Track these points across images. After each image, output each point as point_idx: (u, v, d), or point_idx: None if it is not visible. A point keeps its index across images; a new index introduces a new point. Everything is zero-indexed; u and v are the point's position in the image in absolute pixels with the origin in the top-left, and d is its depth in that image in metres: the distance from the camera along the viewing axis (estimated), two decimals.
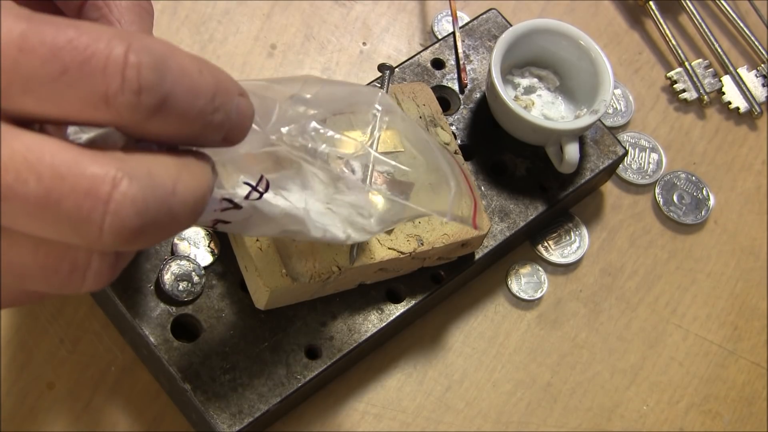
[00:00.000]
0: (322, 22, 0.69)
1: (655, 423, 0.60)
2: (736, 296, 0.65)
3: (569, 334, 0.62)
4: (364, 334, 0.54)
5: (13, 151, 0.28)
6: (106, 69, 0.28)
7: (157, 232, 0.30)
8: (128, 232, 0.29)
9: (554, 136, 0.60)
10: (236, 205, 0.39)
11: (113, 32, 0.28)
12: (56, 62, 0.28)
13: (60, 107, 0.28)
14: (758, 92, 0.72)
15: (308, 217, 0.42)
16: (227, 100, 0.32)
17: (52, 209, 0.28)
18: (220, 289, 0.54)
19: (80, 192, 0.28)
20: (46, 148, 0.28)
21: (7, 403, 0.53)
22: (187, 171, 0.31)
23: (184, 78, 0.30)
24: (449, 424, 0.58)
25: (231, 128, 0.32)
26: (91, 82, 0.28)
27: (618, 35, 0.73)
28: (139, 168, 0.29)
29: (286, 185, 0.41)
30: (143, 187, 0.29)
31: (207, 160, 0.33)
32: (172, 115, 0.30)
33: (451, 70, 0.63)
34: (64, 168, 0.28)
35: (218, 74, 0.32)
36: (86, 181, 0.28)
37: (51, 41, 0.28)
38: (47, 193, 0.28)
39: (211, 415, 0.50)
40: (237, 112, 0.32)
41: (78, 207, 0.28)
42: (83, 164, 0.28)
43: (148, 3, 0.40)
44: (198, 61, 0.31)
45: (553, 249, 0.64)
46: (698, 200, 0.68)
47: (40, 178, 0.28)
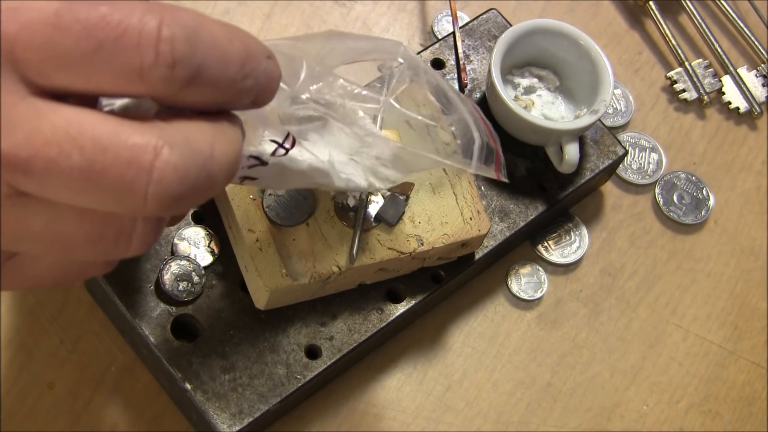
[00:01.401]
0: (322, 22, 0.69)
1: (655, 423, 0.60)
2: (736, 296, 0.65)
3: (569, 334, 0.62)
4: (364, 334, 0.54)
5: (54, 125, 0.28)
6: (139, 44, 0.28)
7: (198, 196, 0.30)
8: (171, 199, 0.29)
9: (554, 136, 0.60)
10: (263, 161, 0.39)
11: (145, 6, 0.29)
12: (90, 39, 0.28)
13: (95, 82, 0.29)
14: (758, 92, 0.72)
15: (332, 169, 0.42)
16: (256, 65, 0.32)
17: (96, 180, 0.28)
18: (220, 289, 0.54)
19: (123, 162, 0.28)
20: (87, 121, 0.28)
21: (7, 403, 0.53)
22: (221, 134, 0.32)
23: (215, 48, 0.30)
24: (449, 424, 0.58)
25: (260, 91, 0.33)
26: (125, 57, 0.28)
27: (618, 35, 0.73)
28: (178, 135, 0.30)
29: (312, 138, 0.42)
30: (183, 154, 0.29)
31: (237, 121, 0.33)
32: (205, 84, 0.30)
33: (451, 70, 0.63)
34: (106, 139, 0.28)
35: (247, 40, 0.32)
36: (128, 152, 0.28)
37: (85, 18, 0.28)
38: (91, 165, 0.28)
39: (211, 415, 0.50)
40: (265, 75, 0.33)
41: (122, 177, 0.28)
42: (124, 135, 0.29)
43: None
44: (228, 29, 0.31)
45: (553, 249, 0.64)
46: (698, 200, 0.68)
47: (83, 150, 0.28)
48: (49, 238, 0.31)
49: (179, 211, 0.30)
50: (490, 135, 0.48)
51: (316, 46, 0.42)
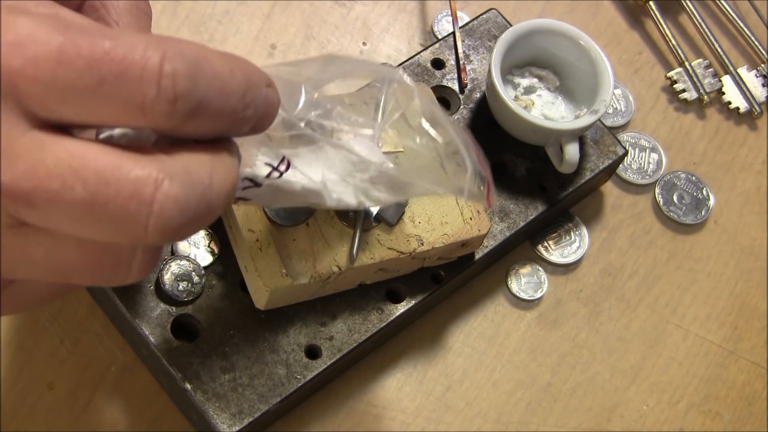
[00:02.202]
0: (322, 22, 0.69)
1: (655, 423, 0.60)
2: (736, 296, 0.65)
3: (569, 334, 0.62)
4: (364, 334, 0.54)
5: (57, 158, 0.29)
6: (142, 79, 0.29)
7: (197, 224, 0.31)
8: (172, 229, 0.30)
9: (554, 136, 0.60)
10: (257, 183, 0.40)
11: (148, 41, 0.29)
12: (93, 74, 0.28)
13: (97, 115, 0.29)
14: (758, 92, 0.72)
15: (325, 189, 0.43)
16: (257, 94, 0.32)
17: (98, 213, 0.29)
18: (220, 289, 0.54)
19: (125, 195, 0.29)
20: (89, 154, 0.29)
21: (7, 403, 0.53)
22: (220, 163, 0.32)
23: (216, 81, 0.30)
24: (449, 424, 0.58)
25: (259, 119, 0.33)
26: (127, 92, 0.29)
27: (618, 35, 0.74)
28: (178, 167, 0.30)
29: (306, 160, 0.42)
30: (183, 186, 0.30)
31: (234, 148, 0.34)
32: (206, 116, 0.30)
33: (451, 70, 0.63)
34: (108, 172, 0.29)
35: (248, 70, 0.32)
36: (130, 184, 0.29)
37: (88, 53, 0.28)
38: (93, 198, 0.29)
39: (211, 415, 0.50)
40: (265, 103, 0.33)
41: (123, 209, 0.29)
42: (126, 167, 0.29)
43: (145, 4, 0.40)
44: (229, 60, 0.32)
45: (553, 249, 0.64)
46: (698, 200, 0.68)
47: (86, 183, 0.28)
48: (48, 266, 0.31)
49: (180, 239, 0.31)
50: (481, 162, 0.48)
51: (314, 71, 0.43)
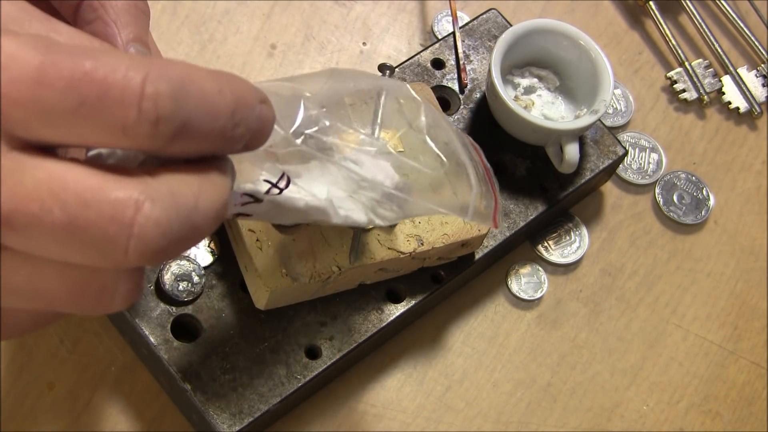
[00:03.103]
0: (322, 22, 0.69)
1: (655, 423, 0.60)
2: (736, 296, 0.65)
3: (569, 334, 0.62)
4: (364, 334, 0.54)
5: (37, 180, 0.28)
6: (122, 101, 0.28)
7: (181, 246, 0.30)
8: (153, 252, 0.29)
9: (554, 136, 0.60)
10: (257, 199, 0.39)
11: (131, 61, 0.29)
12: (73, 95, 0.28)
13: (79, 136, 0.29)
14: (758, 92, 0.72)
15: (330, 206, 0.42)
16: (248, 113, 0.32)
17: (78, 236, 0.28)
18: (220, 289, 0.54)
19: (105, 218, 0.28)
20: (70, 176, 0.28)
21: (7, 403, 0.53)
22: (208, 183, 0.32)
23: (203, 102, 0.30)
24: (449, 424, 0.58)
25: (252, 137, 0.33)
26: (108, 114, 0.28)
27: (618, 35, 0.73)
28: (161, 188, 0.30)
29: (309, 176, 0.41)
30: (166, 208, 0.29)
31: (226, 166, 0.33)
32: (192, 138, 0.30)
33: (451, 70, 0.63)
34: (88, 195, 0.28)
35: (238, 88, 0.32)
36: (110, 207, 0.28)
37: (68, 74, 0.28)
38: (73, 221, 0.28)
39: (211, 415, 0.50)
40: (258, 121, 0.32)
41: (103, 232, 0.28)
42: (106, 189, 0.29)
43: (144, 3, 0.40)
44: (218, 78, 0.31)
45: (553, 249, 0.64)
46: (698, 200, 0.68)
47: (65, 206, 0.28)
48: (30, 294, 0.31)
49: (164, 260, 0.31)
50: (489, 180, 0.48)
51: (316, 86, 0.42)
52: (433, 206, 0.45)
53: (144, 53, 0.38)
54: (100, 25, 0.38)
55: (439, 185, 0.46)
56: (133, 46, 0.38)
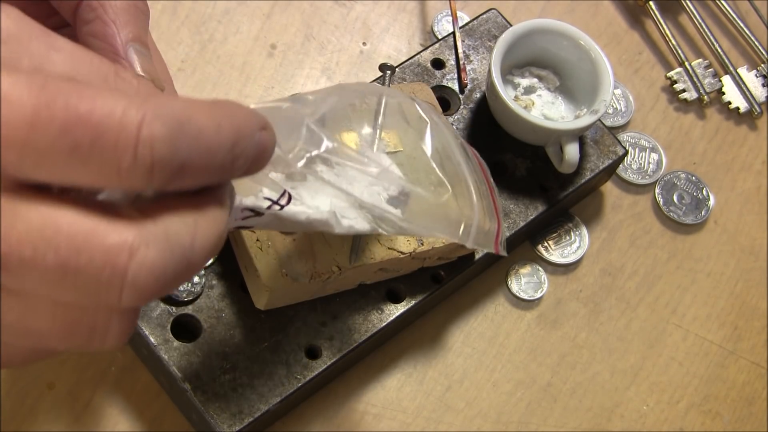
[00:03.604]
0: (322, 22, 0.69)
1: (655, 423, 0.60)
2: (736, 296, 0.65)
3: (569, 334, 0.62)
4: (364, 334, 0.54)
5: (29, 224, 0.28)
6: (117, 146, 0.28)
7: (176, 284, 0.30)
8: (147, 296, 0.29)
9: (554, 136, 0.60)
10: (258, 213, 0.39)
11: (128, 102, 0.28)
12: (67, 139, 0.27)
13: (73, 178, 0.28)
14: (758, 92, 0.72)
15: (333, 217, 0.42)
16: (247, 143, 0.31)
17: (70, 279, 0.28)
18: (220, 289, 0.54)
19: (98, 263, 0.28)
20: (63, 220, 0.28)
21: (7, 403, 0.53)
22: (205, 218, 0.31)
23: (201, 141, 0.30)
24: (449, 424, 0.58)
25: (251, 164, 0.32)
26: (102, 159, 0.28)
27: (618, 35, 0.74)
28: (156, 231, 0.29)
29: (311, 191, 0.41)
30: (161, 251, 0.29)
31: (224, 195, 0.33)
32: (190, 176, 0.30)
33: (451, 70, 0.63)
34: (81, 239, 0.28)
35: (238, 120, 0.31)
36: (103, 253, 0.28)
37: (62, 118, 0.27)
38: (65, 265, 0.28)
39: (211, 415, 0.50)
40: (257, 148, 0.32)
41: (96, 278, 0.28)
42: (99, 235, 0.28)
43: (143, 3, 0.40)
44: (216, 112, 0.30)
45: (553, 249, 0.64)
46: (698, 200, 0.68)
47: (57, 250, 0.28)
48: (22, 331, 0.30)
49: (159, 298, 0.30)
50: (493, 201, 0.48)
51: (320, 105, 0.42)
52: (435, 232, 0.44)
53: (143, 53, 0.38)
54: (99, 25, 0.38)
55: (443, 210, 0.46)
56: (132, 46, 0.38)
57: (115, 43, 0.38)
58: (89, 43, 0.38)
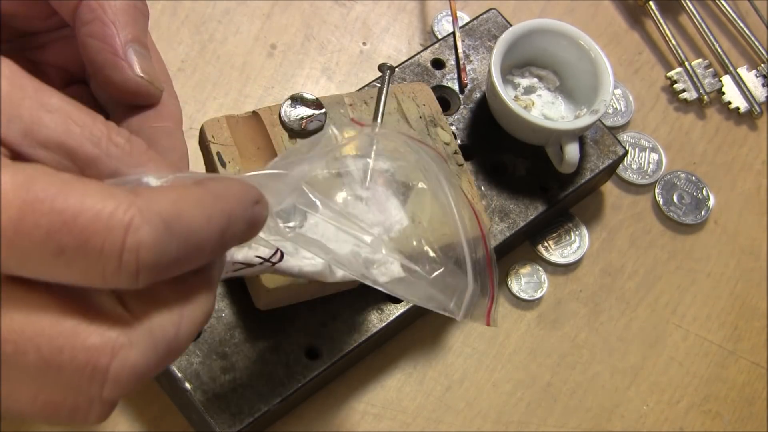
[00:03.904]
0: (322, 22, 0.69)
1: (655, 423, 0.60)
2: (736, 296, 0.65)
3: (569, 334, 0.62)
4: (364, 334, 0.54)
5: (12, 322, 0.28)
6: (102, 252, 0.28)
7: (159, 371, 0.31)
8: (128, 390, 0.29)
9: (554, 136, 0.60)
10: (249, 265, 0.39)
11: (115, 204, 0.28)
12: (52, 244, 0.27)
13: (57, 278, 0.28)
14: (758, 92, 0.72)
15: (327, 268, 0.43)
16: (239, 225, 0.32)
17: (52, 376, 0.28)
18: (220, 289, 0.54)
19: (79, 363, 0.28)
20: (45, 320, 0.28)
21: None
22: (192, 306, 0.31)
23: (190, 239, 0.29)
24: (449, 424, 0.58)
25: (242, 238, 0.32)
26: (87, 263, 0.28)
27: (618, 35, 0.73)
28: (140, 327, 0.29)
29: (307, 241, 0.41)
30: (144, 350, 0.29)
31: (212, 275, 0.33)
32: (176, 271, 0.30)
33: (451, 70, 0.63)
34: (62, 339, 0.28)
35: (230, 205, 0.31)
36: (85, 353, 0.28)
37: (47, 223, 0.27)
38: (47, 364, 0.28)
39: (211, 415, 0.50)
40: (249, 223, 0.32)
41: (78, 376, 0.29)
42: (82, 335, 0.28)
43: (142, 4, 0.40)
44: (207, 203, 0.30)
45: (553, 249, 0.64)
46: (698, 200, 0.68)
47: (39, 350, 0.28)
48: (4, 407, 0.30)
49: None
50: (489, 270, 0.47)
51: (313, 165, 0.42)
52: (425, 304, 0.44)
53: (142, 54, 0.38)
54: (98, 26, 0.38)
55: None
56: (132, 46, 0.38)
57: (115, 43, 0.38)
58: (88, 44, 0.38)
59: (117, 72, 0.37)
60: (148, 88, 0.38)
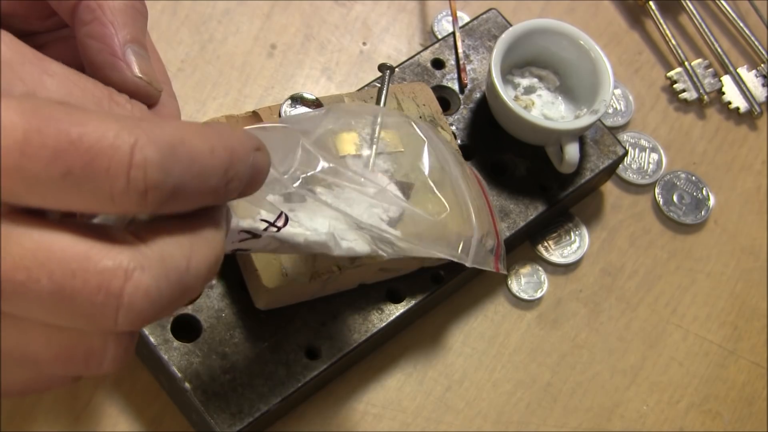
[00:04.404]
0: (322, 22, 0.69)
1: (655, 423, 0.60)
2: (736, 296, 0.65)
3: (569, 334, 0.62)
4: (364, 334, 0.54)
5: (23, 249, 0.28)
6: (109, 170, 0.28)
7: (173, 309, 0.30)
8: (143, 320, 0.29)
9: (554, 136, 0.60)
10: (255, 235, 0.39)
11: (120, 125, 0.28)
12: (58, 165, 0.27)
13: (66, 204, 0.28)
14: (758, 92, 0.72)
15: (332, 239, 0.42)
16: (241, 166, 0.31)
17: (65, 304, 0.28)
18: (220, 289, 0.54)
19: (92, 287, 0.28)
20: (57, 244, 0.28)
21: (7, 403, 0.53)
22: (201, 241, 0.31)
23: (194, 165, 0.30)
24: (449, 424, 0.58)
25: (246, 186, 0.32)
26: (95, 184, 0.28)
27: (618, 35, 0.73)
28: (151, 254, 0.29)
29: (309, 213, 0.41)
30: (156, 276, 0.29)
31: (220, 217, 0.33)
32: (184, 200, 0.30)
33: (451, 70, 0.63)
34: (75, 264, 0.28)
35: (232, 142, 0.31)
36: (98, 276, 0.28)
37: (53, 143, 0.27)
38: (60, 290, 0.28)
39: (211, 415, 0.50)
40: (252, 170, 0.32)
41: (91, 302, 0.28)
42: (94, 258, 0.28)
43: (141, 4, 0.40)
44: (210, 136, 0.30)
45: (553, 249, 0.64)
46: (698, 200, 0.68)
47: (52, 276, 0.28)
48: (17, 356, 0.30)
49: (155, 321, 0.30)
50: (492, 220, 0.47)
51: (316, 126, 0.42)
52: (433, 251, 0.44)
53: (141, 55, 0.38)
54: (97, 26, 0.38)
55: (441, 229, 0.46)
56: (130, 47, 0.38)
57: (113, 44, 0.38)
58: (87, 44, 0.38)
59: (116, 72, 0.38)
60: (147, 88, 0.38)
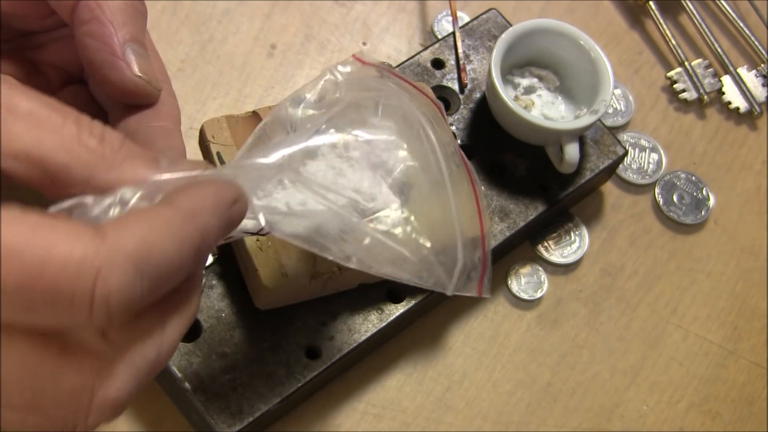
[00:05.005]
0: (322, 22, 0.69)
1: (655, 423, 0.60)
2: (736, 296, 0.65)
3: (569, 334, 0.62)
4: (364, 334, 0.54)
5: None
6: (72, 304, 0.28)
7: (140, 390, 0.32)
8: (112, 418, 0.30)
9: (554, 136, 0.60)
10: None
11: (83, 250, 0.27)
12: (22, 299, 0.27)
13: (31, 325, 0.29)
14: (758, 92, 0.72)
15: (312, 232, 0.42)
16: (215, 233, 0.32)
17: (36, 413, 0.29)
18: (220, 289, 0.54)
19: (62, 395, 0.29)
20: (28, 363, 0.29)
21: None
22: (172, 323, 0.32)
23: (163, 272, 0.29)
24: (449, 424, 0.58)
25: (218, 241, 0.33)
26: (59, 314, 0.28)
27: (618, 35, 0.73)
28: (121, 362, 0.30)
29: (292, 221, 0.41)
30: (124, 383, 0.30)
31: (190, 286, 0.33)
32: (152, 300, 0.30)
33: (451, 70, 0.63)
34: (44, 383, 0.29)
35: (203, 221, 0.31)
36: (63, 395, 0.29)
37: (14, 280, 0.27)
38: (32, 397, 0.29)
39: (211, 415, 0.50)
40: (228, 224, 0.32)
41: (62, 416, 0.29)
42: (62, 374, 0.29)
43: (141, 3, 0.40)
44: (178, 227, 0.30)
45: (553, 249, 0.64)
46: (698, 200, 0.68)
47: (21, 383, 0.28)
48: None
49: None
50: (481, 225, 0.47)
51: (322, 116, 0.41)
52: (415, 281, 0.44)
53: (141, 54, 0.38)
54: (96, 25, 0.38)
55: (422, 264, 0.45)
56: (130, 46, 0.38)
57: (113, 43, 0.38)
58: (86, 44, 0.38)
59: (115, 72, 0.38)
60: (146, 87, 0.38)
